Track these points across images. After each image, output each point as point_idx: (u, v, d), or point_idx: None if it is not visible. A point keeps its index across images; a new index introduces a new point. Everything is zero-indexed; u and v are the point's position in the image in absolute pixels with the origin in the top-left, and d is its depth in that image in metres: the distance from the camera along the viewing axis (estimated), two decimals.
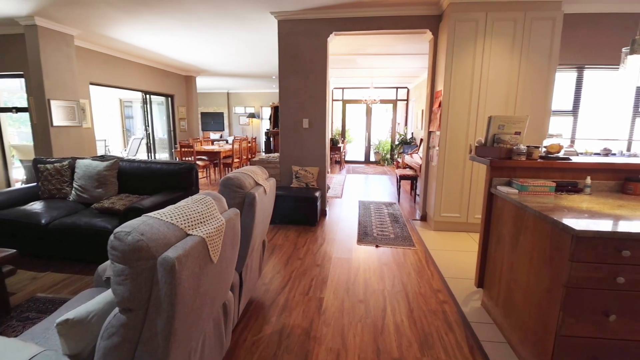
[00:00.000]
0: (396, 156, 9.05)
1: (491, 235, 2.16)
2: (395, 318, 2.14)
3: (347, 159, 10.31)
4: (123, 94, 9.26)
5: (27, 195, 3.23)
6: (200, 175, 6.61)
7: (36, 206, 3.00)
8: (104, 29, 4.78)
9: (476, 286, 2.32)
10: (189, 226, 1.14)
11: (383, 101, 9.74)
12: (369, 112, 10.06)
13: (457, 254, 3.14)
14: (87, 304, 1.10)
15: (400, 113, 10.03)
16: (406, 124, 9.74)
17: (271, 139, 10.72)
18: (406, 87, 9.81)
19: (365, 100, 8.88)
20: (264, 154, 11.50)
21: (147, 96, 7.65)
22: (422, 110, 7.22)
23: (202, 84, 10.54)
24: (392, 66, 6.98)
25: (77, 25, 4.64)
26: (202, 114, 12.34)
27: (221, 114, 12.73)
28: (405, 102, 9.92)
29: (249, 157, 8.01)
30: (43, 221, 2.79)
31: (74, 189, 3.24)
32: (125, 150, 9.12)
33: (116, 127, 9.64)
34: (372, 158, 10.37)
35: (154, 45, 5.72)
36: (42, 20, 4.33)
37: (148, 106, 7.78)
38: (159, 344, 0.99)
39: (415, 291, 2.48)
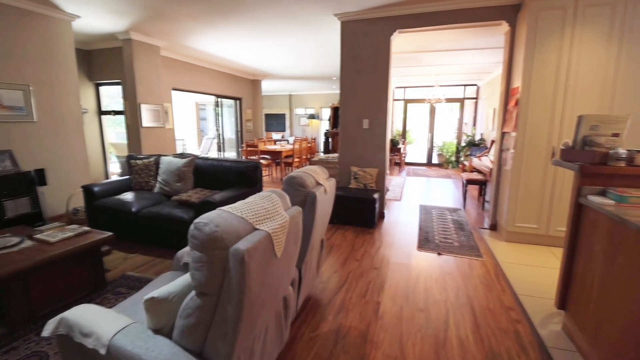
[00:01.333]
0: (462, 159, 8.46)
1: (579, 251, 1.89)
2: (459, 332, 2.00)
3: (407, 160, 9.96)
4: (199, 98, 10.20)
5: (121, 187, 3.74)
6: (263, 173, 6.98)
7: (128, 196, 3.46)
8: (185, 39, 5.32)
9: (557, 307, 2.05)
10: (256, 221, 1.21)
11: (449, 100, 9.19)
12: (432, 111, 9.58)
13: (534, 270, 2.82)
14: (168, 285, 1.23)
15: (468, 112, 9.36)
16: (474, 124, 9.06)
17: (330, 140, 10.87)
18: (475, 85, 9.12)
19: (429, 99, 8.47)
20: (322, 154, 11.70)
21: (219, 99, 8.32)
22: (494, 109, 6.64)
23: (267, 87, 11.11)
24: (461, 62, 6.54)
25: (163, 38, 5.24)
26: (266, 115, 13.01)
27: (283, 115, 13.27)
28: (474, 100, 9.23)
29: (308, 157, 8.21)
30: (133, 209, 3.21)
31: (158, 182, 3.66)
32: (199, 149, 10.04)
33: (192, 128, 10.65)
34: (435, 160, 9.86)
35: (226, 52, 6.19)
36: (135, 35, 4.98)
37: (219, 109, 8.46)
38: (228, 328, 1.07)
39: (482, 306, 2.29)
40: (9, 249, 2.12)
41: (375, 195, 3.93)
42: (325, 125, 12.57)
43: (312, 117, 12.56)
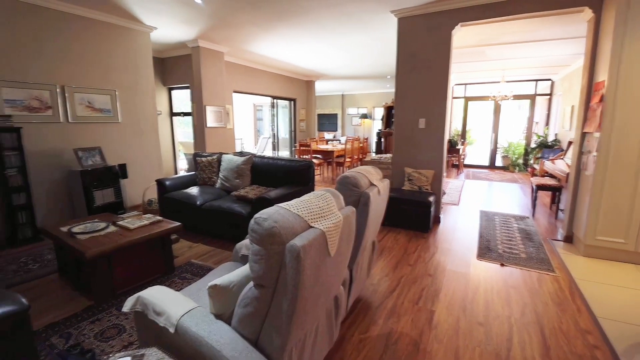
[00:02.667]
0: (531, 162, 7.69)
1: None
2: (524, 353, 1.82)
3: (466, 162, 9.34)
4: (256, 100, 10.73)
5: (188, 181, 4.09)
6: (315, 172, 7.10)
7: (194, 190, 3.76)
8: (246, 44, 5.62)
9: None
10: (311, 219, 1.23)
11: (516, 97, 8.38)
12: (497, 109, 8.85)
13: (617, 290, 2.46)
14: (229, 275, 1.31)
15: (540, 110, 8.46)
16: (547, 124, 8.16)
17: (382, 140, 10.65)
18: (549, 79, 8.21)
19: (494, 96, 7.83)
20: (374, 154, 11.51)
21: (275, 100, 8.65)
22: (573, 107, 5.92)
23: (320, 87, 11.27)
24: (532, 55, 5.94)
25: (226, 44, 5.59)
26: (319, 115, 13.20)
27: (335, 115, 13.34)
28: (548, 96, 8.31)
29: (360, 157, 8.14)
30: (198, 202, 3.48)
31: (219, 178, 3.93)
32: (256, 147, 10.54)
33: (249, 127, 11.24)
34: (499, 162, 9.10)
35: (283, 55, 6.41)
36: (203, 42, 5.39)
37: (275, 109, 8.80)
38: (282, 321, 1.10)
39: (553, 326, 2.06)
40: (97, 232, 2.45)
41: (431, 199, 3.76)
42: (377, 125, 12.35)
43: (364, 116, 12.44)
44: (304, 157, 7.37)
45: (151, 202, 4.10)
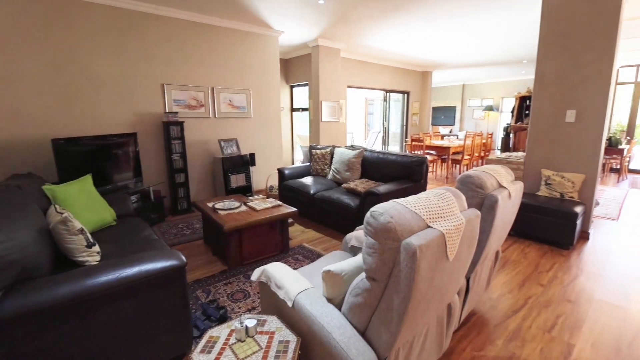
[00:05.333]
0: None
1: None
2: None
3: (632, 167, 7.26)
4: (368, 94, 10.75)
5: (303, 171, 4.43)
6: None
7: (308, 180, 4.05)
8: (361, 39, 5.66)
9: None
10: (430, 218, 1.16)
11: None
12: None
13: None
14: (341, 263, 1.36)
15: None
16: None
17: (511, 135, 9.23)
18: None
19: None
20: (498, 152, 10.12)
21: (387, 94, 8.49)
22: None
23: (436, 78, 10.48)
24: None
25: (343, 40, 5.75)
26: (433, 108, 12.33)
27: (453, 108, 12.22)
28: None
29: (482, 154, 7.25)
30: (311, 191, 3.74)
31: (331, 170, 4.13)
32: (365, 141, 10.63)
33: (360, 122, 11.38)
34: None
35: (398, 46, 6.20)
36: (322, 41, 5.68)
37: (387, 103, 8.65)
38: (392, 317, 1.08)
39: None
40: (232, 210, 2.90)
41: (577, 209, 3.06)
42: (505, 119, 10.77)
43: (489, 109, 10.99)
44: (416, 152, 7.03)
45: (272, 187, 4.62)
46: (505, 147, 9.45)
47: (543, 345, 1.82)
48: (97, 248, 1.83)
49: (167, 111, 4.17)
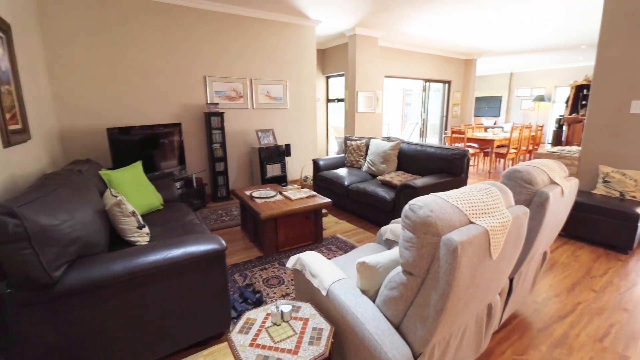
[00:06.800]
0: None
1: None
2: None
3: None
4: (406, 84, 10.39)
5: (337, 163, 4.42)
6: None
7: (342, 171, 4.04)
8: (400, 26, 5.45)
9: None
10: (473, 214, 1.11)
11: None
12: None
13: None
14: (376, 256, 1.35)
15: None
16: None
17: (564, 128, 8.50)
18: None
19: None
20: (549, 145, 9.39)
21: (427, 84, 8.15)
22: None
23: (481, 66, 9.86)
24: None
25: (381, 28, 5.58)
26: (477, 98, 11.66)
27: (498, 98, 11.46)
28: None
29: (530, 148, 6.77)
30: (345, 183, 3.73)
31: (366, 162, 4.08)
32: (402, 133, 10.34)
33: (397, 113, 11.06)
34: None
35: (439, 33, 5.90)
36: (360, 29, 5.55)
37: (426, 93, 8.31)
38: (429, 314, 1.06)
39: None
40: (269, 198, 2.98)
41: (639, 210, 2.77)
42: (558, 110, 9.92)
43: (540, 99, 10.17)
44: (456, 145, 6.72)
45: (306, 178, 4.66)
46: (557, 141, 8.74)
47: (593, 355, 1.68)
48: (146, 229, 1.97)
49: (208, 102, 4.34)
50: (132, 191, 2.53)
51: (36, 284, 1.25)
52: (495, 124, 10.91)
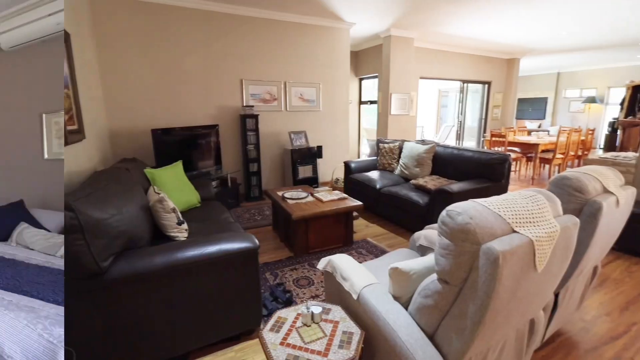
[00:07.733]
0: None
1: None
2: None
3: None
4: (442, 85, 10.06)
5: (369, 165, 4.37)
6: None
7: (374, 174, 3.99)
8: (437, 26, 5.29)
9: None
10: (516, 222, 1.05)
11: None
12: None
13: None
14: (410, 262, 1.31)
15: None
16: None
17: (618, 132, 7.79)
18: None
19: None
20: (601, 151, 8.67)
21: (465, 85, 7.84)
22: None
23: (524, 66, 9.31)
24: None
25: (417, 29, 5.44)
26: (519, 100, 11.02)
27: (543, 100, 10.77)
28: None
29: (579, 153, 6.27)
30: (377, 186, 3.68)
31: (399, 165, 4.00)
32: (437, 136, 10.02)
33: (431, 115, 10.74)
34: None
35: (479, 31, 5.64)
36: (394, 30, 5.46)
37: (463, 95, 7.99)
38: (466, 325, 1.01)
39: None
40: (300, 200, 3.01)
41: None
42: (612, 112, 9.12)
43: (591, 100, 9.42)
44: (496, 149, 6.39)
45: (337, 180, 4.66)
46: (610, 146, 8.03)
47: None
48: (185, 226, 2.07)
49: (244, 104, 4.48)
50: (173, 189, 2.67)
51: (87, 273, 1.36)
52: (539, 127, 10.25)
